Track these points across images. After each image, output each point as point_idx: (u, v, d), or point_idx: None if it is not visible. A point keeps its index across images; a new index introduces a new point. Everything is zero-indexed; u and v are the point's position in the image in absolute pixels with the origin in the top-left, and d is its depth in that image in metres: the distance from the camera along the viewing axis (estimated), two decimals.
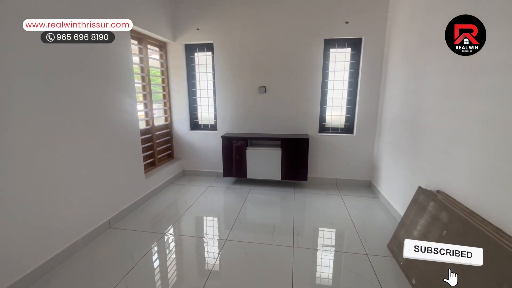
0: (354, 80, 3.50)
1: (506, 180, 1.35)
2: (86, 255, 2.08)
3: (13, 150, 1.65)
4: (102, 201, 2.42)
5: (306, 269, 1.92)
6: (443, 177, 1.91)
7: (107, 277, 1.82)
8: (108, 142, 2.48)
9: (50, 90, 1.89)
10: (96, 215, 2.36)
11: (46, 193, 1.87)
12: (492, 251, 1.26)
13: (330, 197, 3.27)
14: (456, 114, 1.80)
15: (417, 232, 1.87)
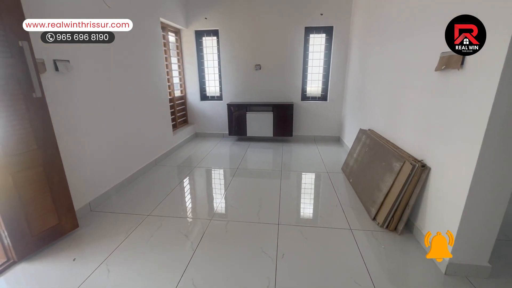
0: (327, 59, 4.59)
1: (396, 120, 2.54)
2: (143, 181, 3.22)
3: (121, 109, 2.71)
4: (151, 145, 3.54)
5: (291, 182, 3.14)
6: (372, 121, 3.11)
7: (158, 194, 2.98)
8: (154, 105, 3.55)
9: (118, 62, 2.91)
10: (146, 156, 3.48)
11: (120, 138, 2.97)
12: (388, 155, 2.47)
13: (309, 148, 4.48)
14: (378, 82, 2.96)
15: (355, 153, 3.10)
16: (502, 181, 1.43)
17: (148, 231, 2.11)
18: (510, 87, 1.28)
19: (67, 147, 2.15)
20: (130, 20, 2.06)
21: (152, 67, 3.50)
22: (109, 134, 2.71)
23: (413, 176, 1.92)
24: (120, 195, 2.74)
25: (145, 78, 3.35)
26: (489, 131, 1.35)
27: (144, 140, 3.38)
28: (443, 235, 1.65)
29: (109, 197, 2.68)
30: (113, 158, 2.78)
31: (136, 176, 3.18)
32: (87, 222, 2.25)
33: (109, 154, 2.71)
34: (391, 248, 1.89)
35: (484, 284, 1.55)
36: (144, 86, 3.32)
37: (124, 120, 2.94)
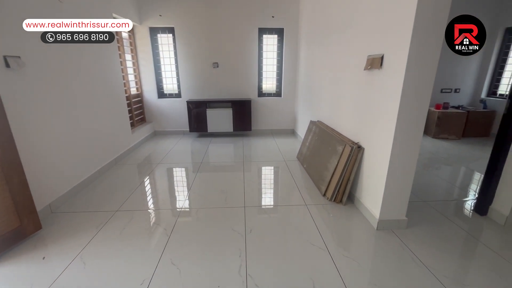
0: (280, 58, 4.98)
1: (338, 111, 2.99)
2: (105, 180, 3.17)
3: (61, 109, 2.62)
4: (110, 144, 3.46)
5: (253, 172, 3.42)
6: (320, 113, 3.56)
7: (124, 191, 3.00)
8: (111, 103, 3.46)
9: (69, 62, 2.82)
10: (106, 155, 3.39)
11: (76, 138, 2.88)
12: (333, 141, 2.90)
13: (267, 140, 4.83)
14: (323, 79, 3.41)
15: (307, 142, 3.53)
16: (409, 155, 1.91)
17: (120, 224, 2.17)
18: (410, 83, 1.73)
19: (25, 146, 2.07)
20: (130, 20, 2.00)
21: (106, 64, 3.41)
22: (66, 133, 2.62)
23: (352, 156, 2.36)
24: (82, 195, 2.69)
25: (100, 75, 3.27)
26: (400, 116, 1.80)
27: (102, 139, 3.29)
28: None
29: (71, 198, 2.61)
30: (72, 157, 2.70)
31: (96, 175, 3.10)
32: (49, 222, 2.19)
33: (67, 153, 2.63)
34: (337, 216, 2.30)
35: (403, 233, 2.03)
36: (99, 83, 3.24)
37: (81, 118, 2.86)
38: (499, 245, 1.93)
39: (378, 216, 2.07)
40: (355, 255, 1.80)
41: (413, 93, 1.76)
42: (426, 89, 1.76)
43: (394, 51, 1.83)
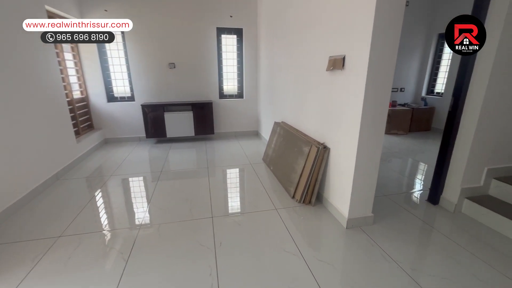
0: (240, 59, 4.89)
1: (302, 112, 2.99)
2: (44, 200, 2.71)
3: None
4: (49, 157, 2.97)
5: (219, 177, 3.25)
6: (284, 114, 3.55)
7: (68, 212, 2.60)
8: (48, 109, 2.97)
9: None
10: (44, 170, 2.91)
11: None
12: (298, 142, 2.89)
13: (231, 143, 4.69)
14: (285, 80, 3.41)
15: (272, 144, 3.49)
16: (373, 152, 1.97)
17: (64, 252, 1.84)
18: (372, 82, 1.77)
19: None
20: (130, 20, 1.90)
21: (40, 65, 2.93)
22: None
23: (318, 157, 2.36)
24: (14, 221, 2.24)
25: (33, 78, 2.78)
26: (363, 115, 1.83)
27: (39, 152, 2.81)
28: None
29: None
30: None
31: (32, 195, 2.63)
32: None
33: None
34: (308, 217, 2.28)
35: (371, 230, 2.09)
36: (32, 86, 2.75)
37: (9, 130, 2.38)
38: (450, 230, 2.10)
39: (347, 215, 2.09)
40: (329, 258, 1.77)
41: (375, 92, 1.80)
42: (386, 88, 1.82)
43: (355, 51, 1.85)
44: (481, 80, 2.05)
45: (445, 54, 5.51)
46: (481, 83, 2.06)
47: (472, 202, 2.27)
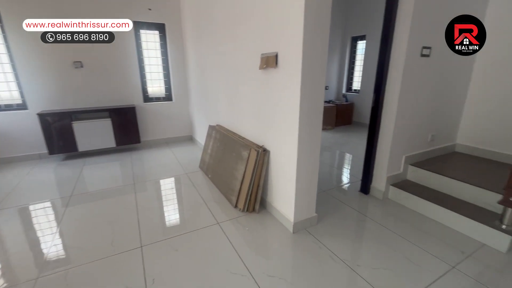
0: (165, 57, 4.41)
1: (237, 113, 2.81)
2: None
3: None
4: None
5: (149, 193, 2.79)
6: (218, 117, 3.32)
7: None
8: None
9: None
10: None
11: None
12: (236, 146, 2.69)
13: (162, 152, 4.20)
14: (217, 80, 3.18)
15: (209, 149, 3.22)
16: (313, 151, 1.93)
17: None
18: (307, 80, 1.71)
19: None
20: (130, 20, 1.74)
21: None
22: None
23: (259, 161, 2.22)
24: None
25: None
26: (301, 115, 1.76)
27: None
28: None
29: None
30: None
31: None
32: None
33: None
34: (253, 227, 2.11)
35: (316, 230, 2.06)
36: None
37: None
38: (381, 217, 2.26)
39: (292, 219, 2.01)
40: (280, 272, 1.64)
41: (311, 90, 1.75)
42: (321, 85, 1.80)
43: (288, 49, 1.76)
44: (396, 78, 2.25)
45: (358, 55, 6.20)
46: (395, 81, 2.26)
47: (395, 188, 2.50)
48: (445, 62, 2.50)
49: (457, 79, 2.74)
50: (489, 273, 1.63)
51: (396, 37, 2.20)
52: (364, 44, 5.81)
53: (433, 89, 2.54)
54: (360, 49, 6.09)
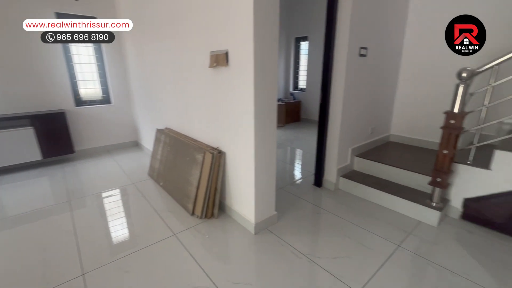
0: (99, 55, 3.92)
1: (188, 115, 2.64)
2: None
3: None
4: None
5: (89, 210, 2.43)
6: (167, 119, 3.09)
7: None
8: None
9: None
10: None
11: None
12: (189, 149, 2.52)
13: (103, 161, 3.73)
14: (164, 80, 2.95)
15: (158, 155, 2.97)
16: (270, 150, 1.93)
17: None
18: (260, 78, 1.68)
19: None
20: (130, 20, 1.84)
21: None
22: None
23: (214, 164, 2.13)
24: None
25: None
26: (256, 114, 1.73)
27: None
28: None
29: None
30: None
31: None
32: None
33: None
34: (213, 234, 2.02)
35: (277, 228, 2.07)
36: None
37: None
38: (334, 207, 2.39)
39: (253, 219, 1.97)
40: (245, 277, 1.59)
41: (264, 88, 1.73)
42: (274, 83, 1.79)
43: (239, 46, 1.71)
44: (340, 76, 2.41)
45: (302, 55, 6.52)
46: (339, 79, 2.41)
47: (344, 179, 2.69)
48: (378, 61, 2.78)
49: (388, 77, 3.07)
50: (425, 246, 1.85)
51: (337, 38, 2.35)
52: (307, 44, 6.13)
53: (370, 86, 2.80)
54: (303, 50, 6.41)
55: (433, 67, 2.93)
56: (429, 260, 1.71)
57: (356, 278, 1.56)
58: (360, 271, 1.62)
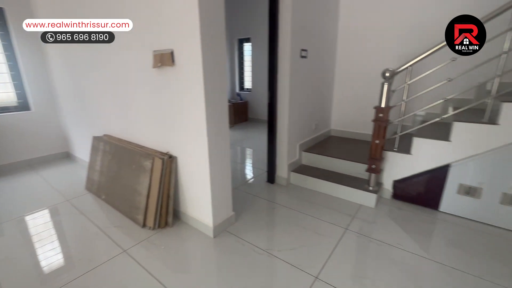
0: (11, 53, 3.30)
1: (132, 119, 2.42)
2: None
3: None
4: None
5: (11, 238, 2.02)
6: (106, 125, 2.79)
7: None
8: None
9: None
10: None
11: None
12: (135, 156, 2.31)
13: (25, 178, 3.16)
14: (99, 82, 2.65)
15: (97, 166, 2.66)
16: (223, 150, 1.92)
17: None
18: (210, 78, 1.66)
19: None
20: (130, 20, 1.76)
21: None
22: None
23: (165, 169, 2.01)
24: None
25: None
26: (208, 114, 1.70)
27: None
28: None
29: None
30: None
31: None
32: None
33: None
34: (169, 243, 1.91)
35: (235, 228, 2.07)
36: None
37: None
38: (288, 201, 2.52)
39: (211, 223, 1.94)
40: (207, 284, 1.55)
41: (214, 87, 1.71)
42: (223, 82, 1.79)
43: (185, 45, 1.65)
44: (285, 76, 2.54)
45: (246, 56, 6.63)
46: (285, 79, 2.54)
47: (295, 173, 2.85)
48: (317, 62, 3.02)
49: (326, 76, 3.36)
50: (367, 226, 2.10)
51: (281, 41, 2.47)
52: (250, 46, 6.26)
53: (312, 85, 3.02)
54: (247, 51, 6.53)
55: (363, 67, 3.32)
56: (371, 237, 1.94)
57: (313, 264, 1.67)
58: (316, 257, 1.74)
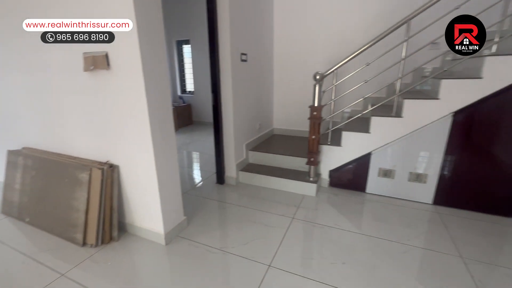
0: None
1: (60, 129, 2.15)
2: None
3: None
4: None
5: None
6: (26, 137, 2.41)
7: None
8: None
9: None
10: None
11: None
12: (68, 169, 2.05)
13: None
14: (18, 88, 2.28)
15: (17, 184, 2.29)
16: (171, 155, 1.89)
17: None
18: (151, 81, 1.62)
19: None
20: (130, 20, 1.50)
21: None
22: None
23: (106, 180, 1.87)
24: None
25: None
26: (151, 118, 1.66)
27: None
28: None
29: None
30: None
31: None
32: None
33: None
34: (116, 259, 1.79)
35: (188, 232, 2.06)
36: None
37: None
38: (238, 199, 2.62)
39: (163, 230, 1.89)
40: None
41: (156, 90, 1.68)
42: (165, 85, 1.77)
43: (121, 47, 1.58)
44: (227, 79, 2.62)
45: (186, 59, 6.48)
46: (227, 82, 2.63)
47: (243, 172, 2.96)
48: (257, 65, 3.20)
49: (266, 79, 3.58)
50: (310, 213, 2.34)
51: (221, 45, 2.54)
52: (189, 48, 6.14)
53: (254, 87, 3.18)
54: (187, 53, 6.39)
55: (299, 69, 3.63)
56: (315, 223, 2.18)
57: (266, 255, 1.79)
58: (268, 247, 1.87)
